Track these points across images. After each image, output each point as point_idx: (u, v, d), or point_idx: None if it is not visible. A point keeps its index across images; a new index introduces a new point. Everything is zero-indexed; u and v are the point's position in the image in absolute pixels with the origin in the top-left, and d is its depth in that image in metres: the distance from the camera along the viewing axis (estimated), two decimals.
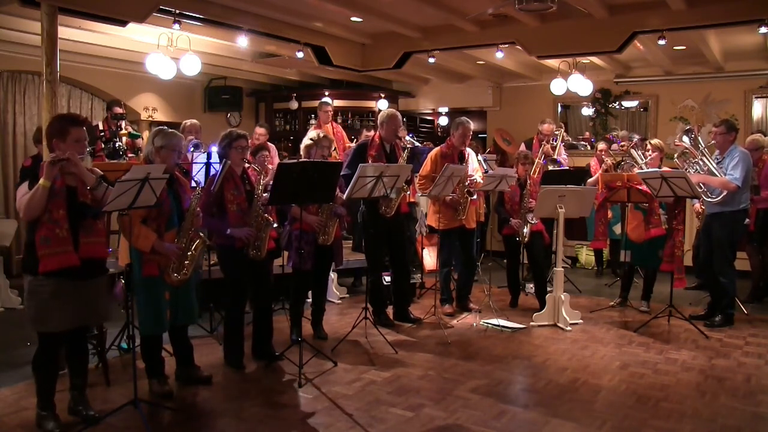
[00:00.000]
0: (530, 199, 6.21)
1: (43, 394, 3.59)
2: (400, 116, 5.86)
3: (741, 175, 5.49)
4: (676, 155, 6.24)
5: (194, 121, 6.28)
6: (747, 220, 5.95)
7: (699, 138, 5.98)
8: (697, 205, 6.67)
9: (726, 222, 5.66)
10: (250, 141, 5.10)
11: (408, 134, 7.28)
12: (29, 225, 3.48)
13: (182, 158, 5.16)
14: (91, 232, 3.55)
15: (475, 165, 6.34)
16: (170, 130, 4.13)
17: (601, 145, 7.48)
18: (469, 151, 6.32)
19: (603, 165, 7.35)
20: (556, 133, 7.83)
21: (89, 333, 4.15)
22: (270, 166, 5.80)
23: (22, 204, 3.41)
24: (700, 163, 5.82)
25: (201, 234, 4.12)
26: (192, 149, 5.57)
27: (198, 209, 4.07)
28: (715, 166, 5.70)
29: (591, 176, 7.30)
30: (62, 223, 3.41)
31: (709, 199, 5.69)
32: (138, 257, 3.89)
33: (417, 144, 7.25)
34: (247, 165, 4.64)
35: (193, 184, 4.29)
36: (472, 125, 6.21)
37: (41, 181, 3.35)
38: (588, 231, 8.07)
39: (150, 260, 3.90)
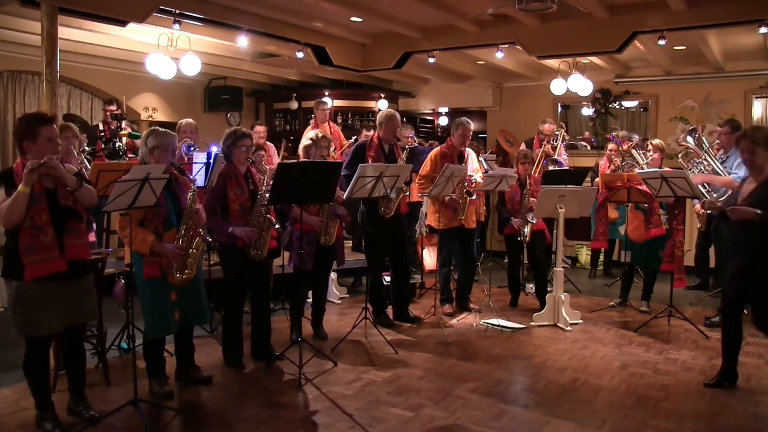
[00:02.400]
0: (531, 199, 6.21)
1: (39, 396, 3.57)
2: (399, 116, 5.86)
3: (745, 174, 5.48)
4: (679, 156, 6.23)
5: (190, 120, 6.23)
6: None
7: (703, 138, 5.97)
8: (698, 206, 6.67)
9: (733, 222, 5.63)
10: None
11: (410, 134, 7.27)
12: (9, 231, 3.36)
13: (179, 159, 5.17)
14: (76, 233, 3.49)
15: (475, 165, 6.34)
16: (162, 129, 4.10)
17: (611, 145, 7.48)
18: (470, 151, 6.32)
19: (612, 165, 7.33)
20: (557, 133, 7.83)
21: (86, 333, 4.14)
22: (268, 166, 5.79)
23: (1, 212, 3.28)
24: (704, 163, 5.81)
25: (200, 231, 4.11)
26: (192, 150, 5.56)
27: (197, 207, 4.06)
28: (718, 165, 5.69)
29: (599, 176, 7.27)
30: (46, 229, 3.33)
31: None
32: (139, 259, 3.88)
33: (414, 145, 7.23)
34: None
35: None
36: (473, 125, 6.21)
37: (20, 187, 3.25)
38: (592, 231, 8.06)
39: (151, 262, 3.88)
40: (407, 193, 5.73)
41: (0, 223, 3.34)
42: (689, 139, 5.94)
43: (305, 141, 5.21)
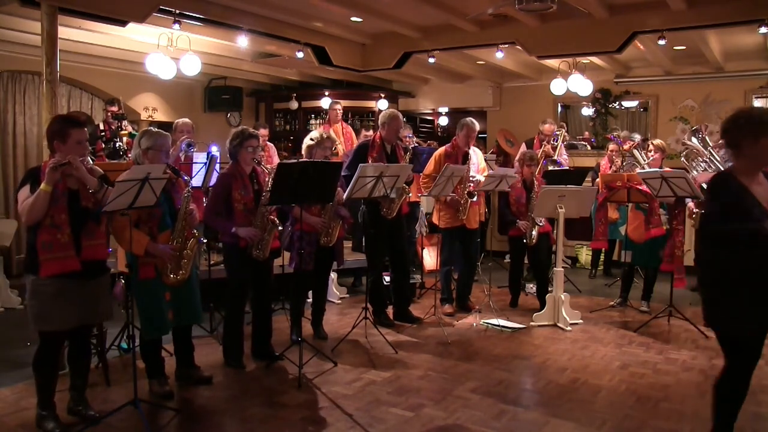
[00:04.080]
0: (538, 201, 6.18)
1: (44, 394, 3.58)
2: (401, 117, 5.84)
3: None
4: (682, 156, 6.23)
5: (186, 120, 6.24)
6: None
7: (706, 138, 5.98)
8: (692, 205, 6.66)
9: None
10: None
11: (407, 134, 7.27)
12: (30, 228, 3.46)
13: (176, 159, 5.16)
14: (94, 234, 3.54)
15: (481, 165, 6.31)
16: (156, 130, 4.11)
17: (612, 145, 7.49)
18: (476, 151, 6.29)
19: (613, 165, 7.34)
20: (557, 133, 7.83)
21: (91, 333, 4.15)
22: (268, 165, 5.79)
23: (24, 209, 3.38)
24: (707, 162, 5.81)
25: (195, 232, 4.11)
26: (191, 149, 5.55)
27: (191, 207, 4.06)
28: (723, 165, 5.69)
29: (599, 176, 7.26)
30: (64, 228, 3.40)
31: None
32: (134, 260, 3.89)
33: (414, 145, 7.24)
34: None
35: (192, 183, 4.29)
36: (477, 126, 6.18)
37: (42, 185, 3.33)
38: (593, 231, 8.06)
39: (146, 263, 3.89)
40: (410, 194, 5.73)
41: (22, 219, 3.42)
42: (693, 139, 5.94)
43: (308, 141, 5.20)
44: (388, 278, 6.09)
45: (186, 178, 4.30)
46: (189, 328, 4.36)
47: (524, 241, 6.24)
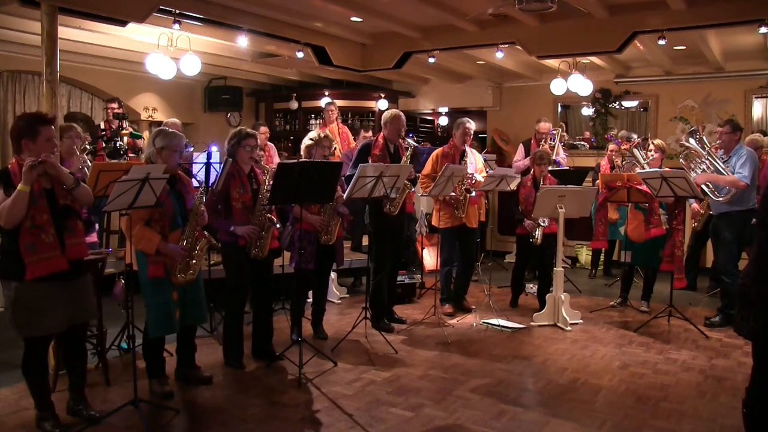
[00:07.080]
0: None
1: (39, 396, 3.58)
2: (403, 116, 5.83)
3: (749, 173, 5.49)
4: (680, 157, 6.23)
5: (175, 120, 6.33)
6: (754, 219, 5.94)
7: (704, 138, 5.98)
8: (696, 206, 6.66)
9: (734, 221, 5.64)
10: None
11: (408, 134, 7.26)
12: (8, 232, 3.36)
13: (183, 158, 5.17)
14: (75, 232, 3.51)
15: (479, 165, 6.31)
16: (170, 130, 4.14)
17: (612, 146, 7.49)
18: (473, 151, 6.29)
19: (613, 165, 7.33)
20: (554, 132, 7.82)
21: (87, 332, 4.14)
22: (268, 165, 5.79)
23: (2, 212, 3.28)
24: (707, 162, 5.81)
25: (206, 233, 4.12)
26: (191, 149, 5.57)
27: (202, 209, 4.07)
28: (722, 165, 5.69)
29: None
30: (47, 228, 3.35)
31: (718, 199, 5.67)
32: (143, 259, 3.89)
33: (415, 145, 7.24)
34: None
35: (195, 183, 4.30)
36: (473, 125, 6.19)
37: (20, 186, 3.26)
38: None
39: (156, 262, 3.89)
40: (413, 190, 5.72)
41: (1, 223, 3.32)
42: (691, 140, 5.94)
43: (306, 141, 5.21)
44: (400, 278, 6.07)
45: (199, 179, 4.31)
46: (193, 328, 4.37)
47: (530, 240, 6.22)
